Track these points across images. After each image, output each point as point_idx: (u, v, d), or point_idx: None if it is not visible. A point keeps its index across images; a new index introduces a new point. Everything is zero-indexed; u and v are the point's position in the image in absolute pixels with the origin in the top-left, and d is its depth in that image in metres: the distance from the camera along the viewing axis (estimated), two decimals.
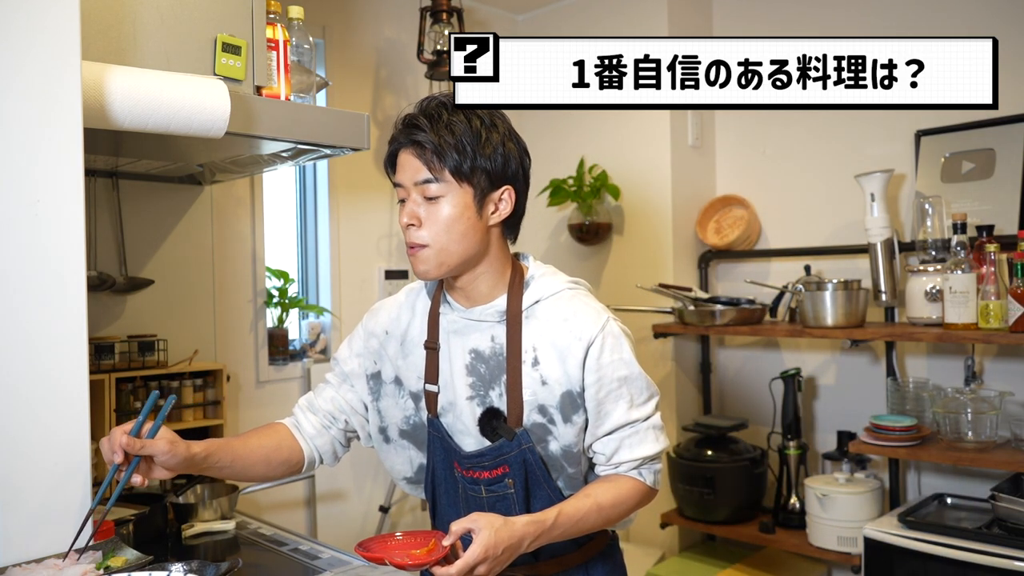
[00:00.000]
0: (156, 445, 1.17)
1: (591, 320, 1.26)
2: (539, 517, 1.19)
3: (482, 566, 1.11)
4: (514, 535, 1.14)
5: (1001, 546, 2.00)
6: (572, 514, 1.22)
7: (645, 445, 1.29)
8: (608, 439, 1.28)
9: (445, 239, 1.23)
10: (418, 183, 1.23)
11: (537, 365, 1.26)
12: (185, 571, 1.05)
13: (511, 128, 1.29)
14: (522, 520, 1.17)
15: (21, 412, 1.11)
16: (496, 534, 1.12)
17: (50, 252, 1.14)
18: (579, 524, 1.23)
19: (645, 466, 1.30)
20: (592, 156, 3.05)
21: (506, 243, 1.33)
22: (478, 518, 1.14)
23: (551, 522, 1.19)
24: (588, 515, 1.23)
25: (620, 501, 1.27)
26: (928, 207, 2.41)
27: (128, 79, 1.28)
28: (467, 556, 1.10)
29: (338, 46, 2.75)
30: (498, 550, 1.12)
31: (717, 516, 2.70)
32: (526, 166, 1.31)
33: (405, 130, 1.25)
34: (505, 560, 1.15)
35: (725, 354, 3.09)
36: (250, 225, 2.48)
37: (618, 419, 1.28)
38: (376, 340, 1.40)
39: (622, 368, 1.27)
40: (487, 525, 1.13)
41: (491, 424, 1.28)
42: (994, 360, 2.44)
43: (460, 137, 1.21)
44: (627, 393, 1.28)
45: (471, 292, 1.31)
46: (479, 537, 1.11)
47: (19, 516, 1.11)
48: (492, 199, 1.26)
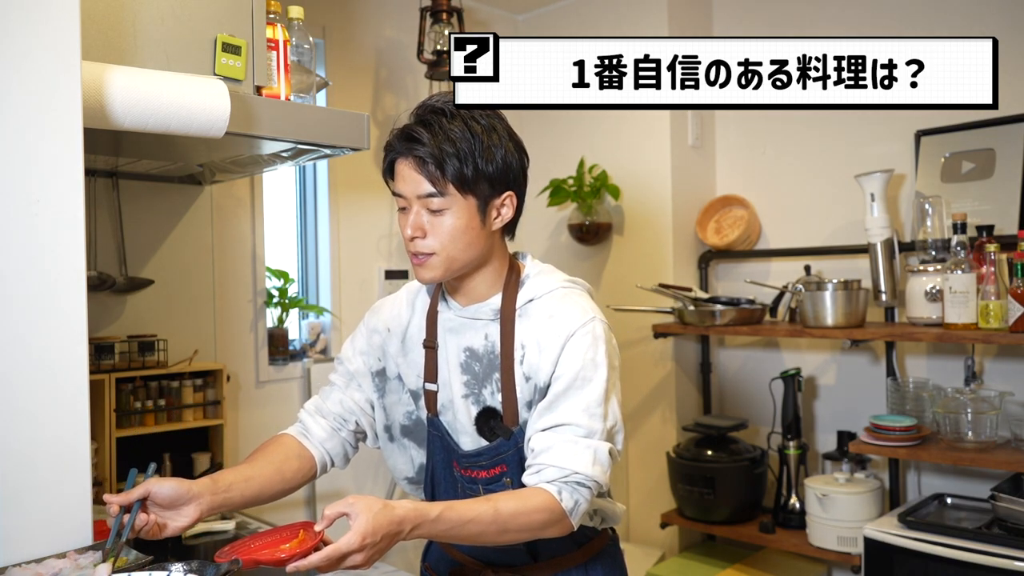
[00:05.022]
0: (149, 482, 1.16)
1: (575, 316, 1.24)
2: (423, 506, 1.10)
3: (358, 555, 1.03)
4: (393, 520, 1.05)
5: (1001, 546, 2.00)
6: (462, 512, 1.11)
7: (579, 459, 1.17)
8: (545, 435, 1.20)
9: (452, 248, 1.22)
10: (421, 196, 1.21)
11: (523, 363, 1.25)
12: (185, 571, 1.05)
13: (510, 128, 1.28)
14: (404, 506, 1.08)
15: (21, 412, 1.11)
16: (375, 519, 1.03)
17: (50, 252, 1.14)
18: (469, 526, 1.11)
19: (569, 485, 1.17)
20: (592, 156, 3.05)
21: (505, 243, 1.33)
22: (355, 502, 1.05)
23: (435, 515, 1.09)
24: (480, 518, 1.12)
25: (522, 513, 1.14)
26: (928, 207, 2.41)
27: (128, 79, 1.28)
28: (338, 544, 1.02)
29: (338, 46, 2.75)
30: (376, 537, 1.03)
31: (717, 516, 2.70)
32: (525, 166, 1.30)
33: (403, 141, 1.22)
34: (384, 547, 1.05)
35: (725, 354, 3.09)
36: (250, 225, 2.48)
37: (564, 417, 1.20)
38: (379, 336, 1.40)
39: (590, 369, 1.21)
40: (365, 509, 1.04)
41: (488, 424, 1.27)
42: (994, 360, 2.44)
43: (460, 146, 1.19)
44: (585, 398, 1.20)
45: (470, 291, 1.31)
46: (356, 523, 1.03)
47: (19, 516, 1.11)
48: (494, 206, 1.25)
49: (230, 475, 1.26)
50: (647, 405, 3.02)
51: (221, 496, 1.22)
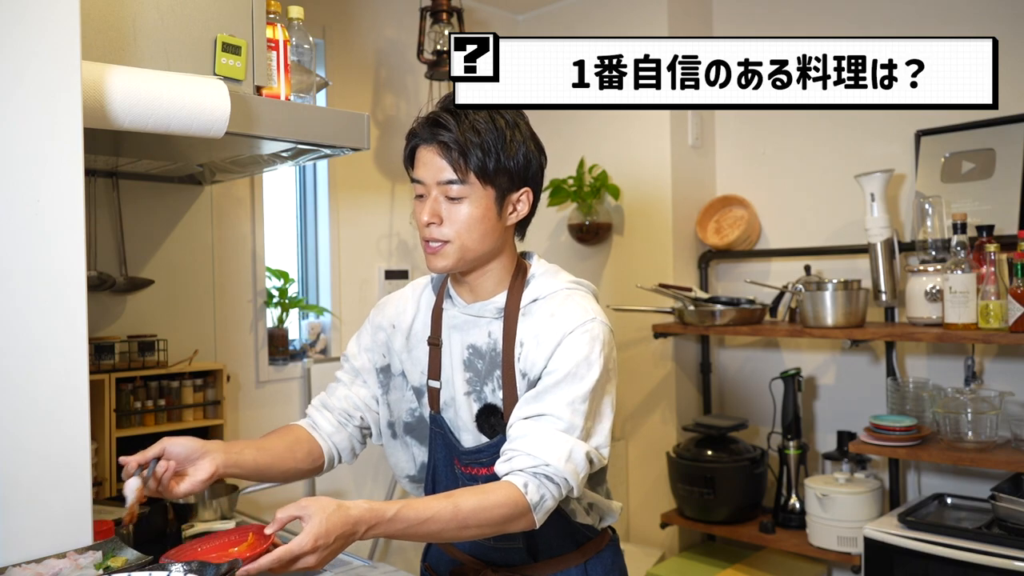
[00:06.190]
0: (163, 440, 1.20)
1: (576, 316, 1.24)
2: (379, 506, 1.09)
3: (311, 556, 1.02)
4: (347, 522, 1.04)
5: (1001, 546, 2.00)
6: (419, 511, 1.10)
7: (552, 451, 1.15)
8: (524, 423, 1.19)
9: (466, 238, 1.23)
10: (441, 183, 1.22)
11: (519, 359, 1.26)
12: (185, 571, 1.04)
13: (531, 129, 1.31)
14: (359, 506, 1.07)
15: (21, 412, 1.11)
16: (327, 520, 1.02)
17: (50, 252, 1.14)
18: (427, 525, 1.09)
19: (537, 477, 1.16)
20: (592, 156, 3.05)
21: (515, 241, 1.35)
22: (308, 504, 1.05)
23: (391, 514, 1.08)
24: (439, 516, 1.10)
25: (483, 509, 1.12)
26: (928, 207, 2.41)
27: (128, 79, 1.28)
28: (290, 545, 1.01)
29: (338, 46, 2.75)
30: (330, 538, 1.03)
31: (717, 516, 2.70)
32: (543, 166, 1.32)
33: (429, 128, 1.23)
34: (338, 549, 1.05)
35: (725, 354, 3.09)
36: (250, 225, 2.48)
37: (546, 407, 1.18)
38: (384, 333, 1.41)
39: (583, 367, 1.20)
40: (318, 511, 1.03)
41: (489, 421, 1.28)
42: (994, 360, 2.44)
43: (485, 137, 1.21)
44: (572, 393, 1.19)
45: (477, 288, 1.31)
46: (309, 525, 1.02)
47: (19, 516, 1.11)
48: (511, 200, 1.27)
49: (243, 442, 1.31)
50: (647, 405, 3.02)
51: (234, 455, 1.25)
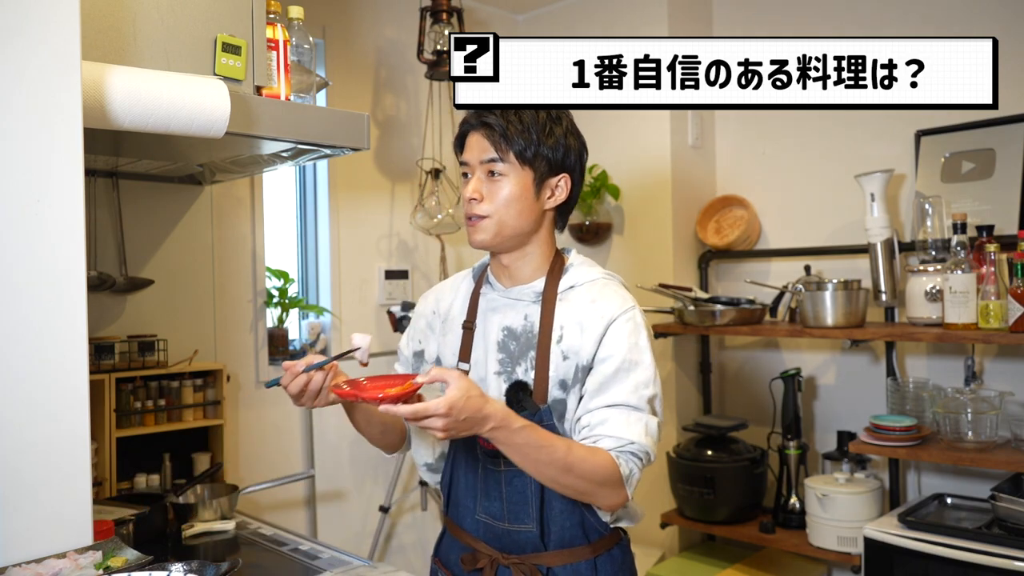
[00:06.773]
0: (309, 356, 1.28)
1: (617, 303, 1.33)
2: (512, 415, 1.17)
3: (439, 419, 1.09)
4: (481, 408, 1.12)
5: (1001, 546, 1.99)
6: (541, 436, 1.19)
7: (632, 429, 1.26)
8: (600, 411, 1.28)
9: (504, 213, 1.32)
10: (483, 162, 1.32)
11: (561, 341, 1.32)
12: (185, 571, 1.05)
13: (574, 124, 1.39)
14: (496, 404, 1.15)
15: (21, 412, 1.11)
16: (466, 398, 1.10)
17: (50, 252, 1.14)
18: (542, 452, 1.18)
19: (625, 453, 1.26)
20: (592, 156, 3.01)
21: (554, 231, 1.42)
22: (459, 377, 1.12)
23: (517, 426, 1.16)
24: (554, 448, 1.19)
25: (590, 461, 1.21)
26: (928, 207, 2.41)
27: (128, 79, 1.28)
28: (427, 403, 1.09)
29: (338, 46, 2.75)
30: (460, 414, 1.10)
31: (717, 516, 2.70)
32: (584, 160, 1.41)
33: (478, 115, 1.34)
34: (462, 428, 1.12)
35: (725, 354, 3.09)
36: (250, 225, 2.48)
37: (617, 397, 1.28)
38: (424, 320, 1.51)
39: (636, 353, 1.30)
40: (463, 387, 1.11)
41: (517, 396, 1.33)
42: (994, 360, 2.44)
43: (527, 125, 1.31)
44: (634, 379, 1.29)
45: (515, 272, 1.39)
46: (449, 390, 1.10)
47: (19, 516, 1.11)
48: (549, 184, 1.36)
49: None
50: None
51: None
